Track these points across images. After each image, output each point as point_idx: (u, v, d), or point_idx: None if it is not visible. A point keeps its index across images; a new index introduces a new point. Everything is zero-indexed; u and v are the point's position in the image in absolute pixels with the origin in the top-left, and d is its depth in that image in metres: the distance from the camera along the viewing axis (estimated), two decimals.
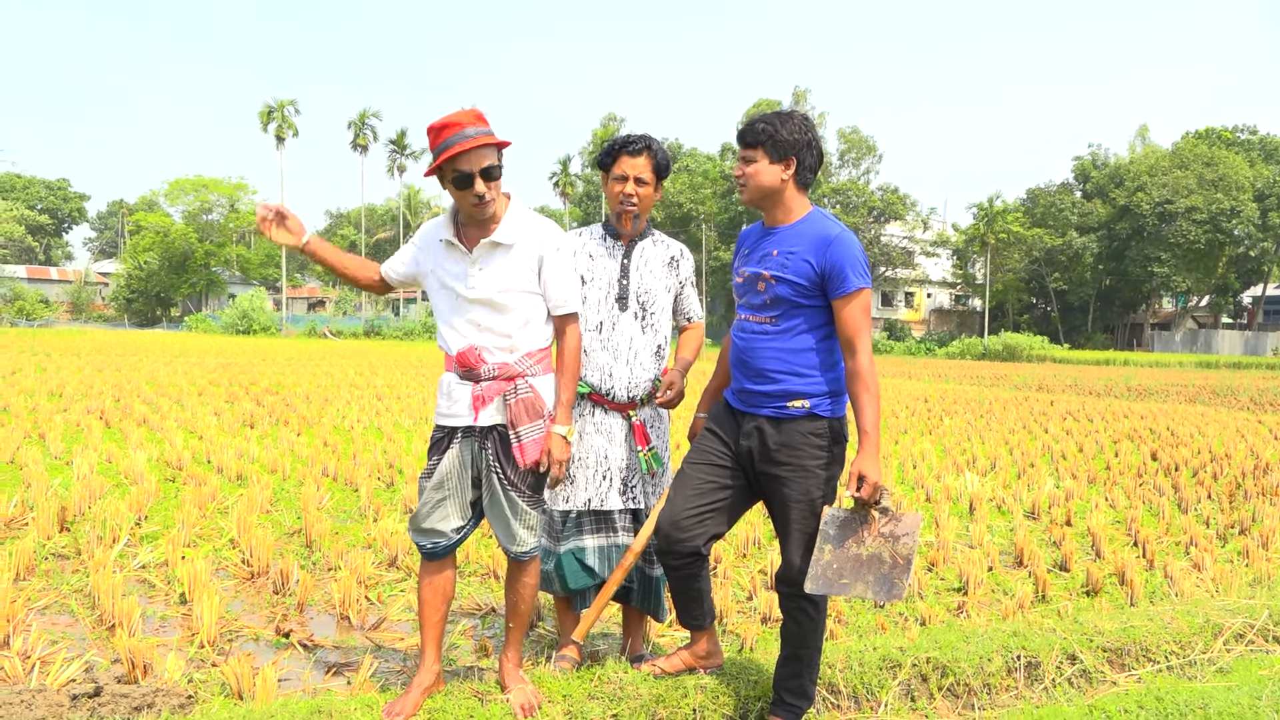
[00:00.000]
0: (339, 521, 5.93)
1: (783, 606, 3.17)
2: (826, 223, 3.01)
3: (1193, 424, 13.18)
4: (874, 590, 2.81)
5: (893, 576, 2.81)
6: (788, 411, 3.01)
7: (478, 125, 2.93)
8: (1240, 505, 7.34)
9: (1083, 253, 56.67)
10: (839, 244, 2.94)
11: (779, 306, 3.02)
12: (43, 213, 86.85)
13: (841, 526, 2.92)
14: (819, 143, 3.08)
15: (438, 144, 2.92)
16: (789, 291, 2.99)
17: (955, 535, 5.99)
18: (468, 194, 2.94)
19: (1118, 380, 26.56)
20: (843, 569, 2.86)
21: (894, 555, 2.84)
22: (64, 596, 4.32)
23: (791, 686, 3.16)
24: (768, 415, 3.04)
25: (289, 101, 61.16)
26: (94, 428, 9.17)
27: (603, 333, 3.48)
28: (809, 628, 3.11)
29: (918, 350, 54.61)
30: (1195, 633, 4.09)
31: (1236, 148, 58.66)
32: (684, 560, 3.15)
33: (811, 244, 2.97)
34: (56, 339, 33.90)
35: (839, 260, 2.93)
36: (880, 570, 2.83)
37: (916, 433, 11.67)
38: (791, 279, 2.97)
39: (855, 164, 64.28)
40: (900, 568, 2.82)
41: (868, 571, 2.84)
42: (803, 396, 3.00)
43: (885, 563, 2.83)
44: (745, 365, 3.12)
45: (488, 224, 3.05)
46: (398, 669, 3.67)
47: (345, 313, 66.73)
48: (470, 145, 2.88)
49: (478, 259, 3.03)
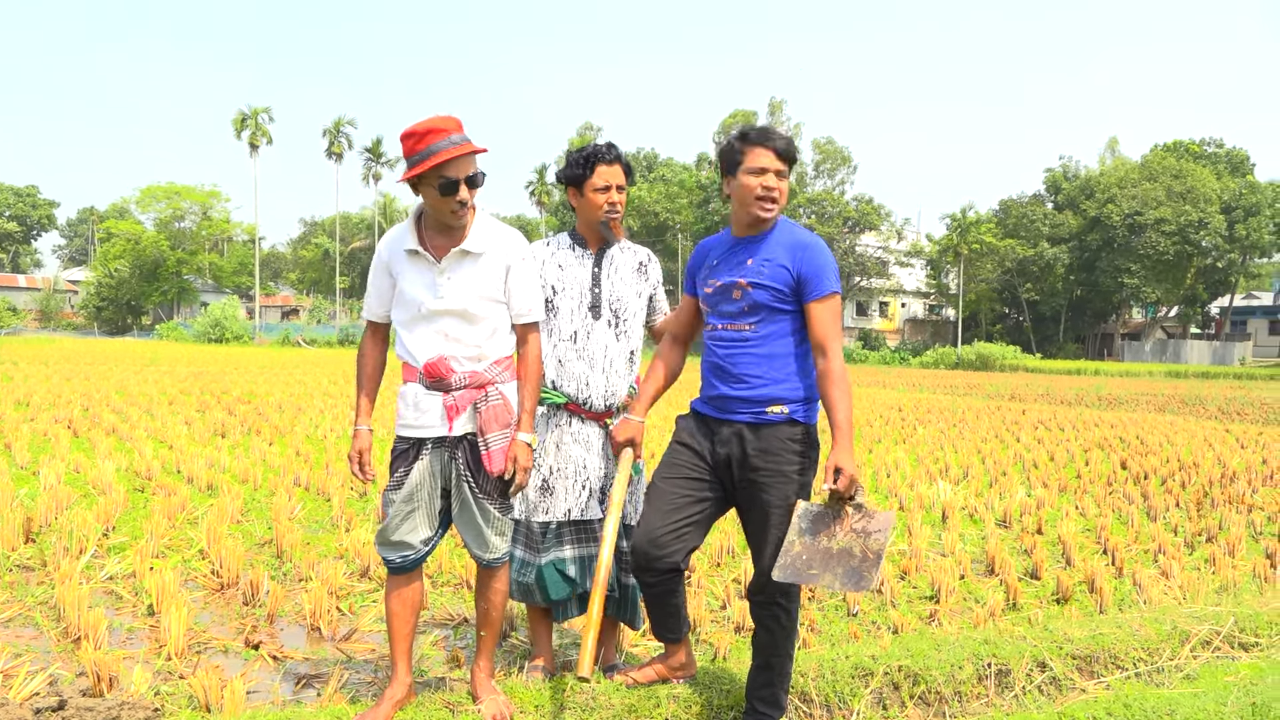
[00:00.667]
0: (310, 532, 5.88)
1: (755, 615, 3.18)
2: (798, 230, 3.14)
3: (1162, 433, 13.34)
4: (842, 581, 2.82)
5: (862, 569, 2.82)
6: (766, 417, 3.05)
7: (460, 133, 2.93)
8: (1207, 513, 7.44)
9: (1054, 263, 57.27)
10: (814, 250, 3.05)
11: (757, 313, 3.07)
12: (10, 220, 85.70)
13: (814, 520, 2.94)
14: None
15: (421, 149, 2.89)
16: (767, 297, 3.04)
17: (928, 543, 6.02)
18: (450, 200, 2.93)
19: (1088, 390, 26.84)
20: (812, 560, 2.87)
21: (865, 550, 2.86)
22: (29, 608, 4.26)
23: (764, 695, 3.16)
24: (746, 421, 3.08)
25: (263, 109, 60.80)
26: (61, 437, 9.05)
27: (577, 342, 3.47)
28: (781, 636, 3.12)
29: (892, 360, 54.93)
30: (1163, 640, 4.13)
31: (1204, 160, 59.53)
32: (662, 577, 3.14)
33: (787, 250, 3.06)
34: (24, 347, 33.44)
35: (814, 265, 3.02)
36: (850, 563, 2.84)
37: (890, 441, 11.73)
38: (769, 284, 3.03)
39: (830, 174, 64.65)
40: (870, 561, 2.83)
41: (837, 564, 2.85)
42: (781, 402, 3.05)
43: (855, 556, 2.85)
44: (723, 372, 3.13)
45: (457, 232, 3.04)
46: (368, 680, 3.64)
47: (319, 321, 66.26)
48: (459, 152, 2.88)
49: (446, 268, 3.01)
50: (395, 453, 3.11)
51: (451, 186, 2.91)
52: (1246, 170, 59.76)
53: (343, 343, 53.21)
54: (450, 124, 2.92)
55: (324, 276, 78.97)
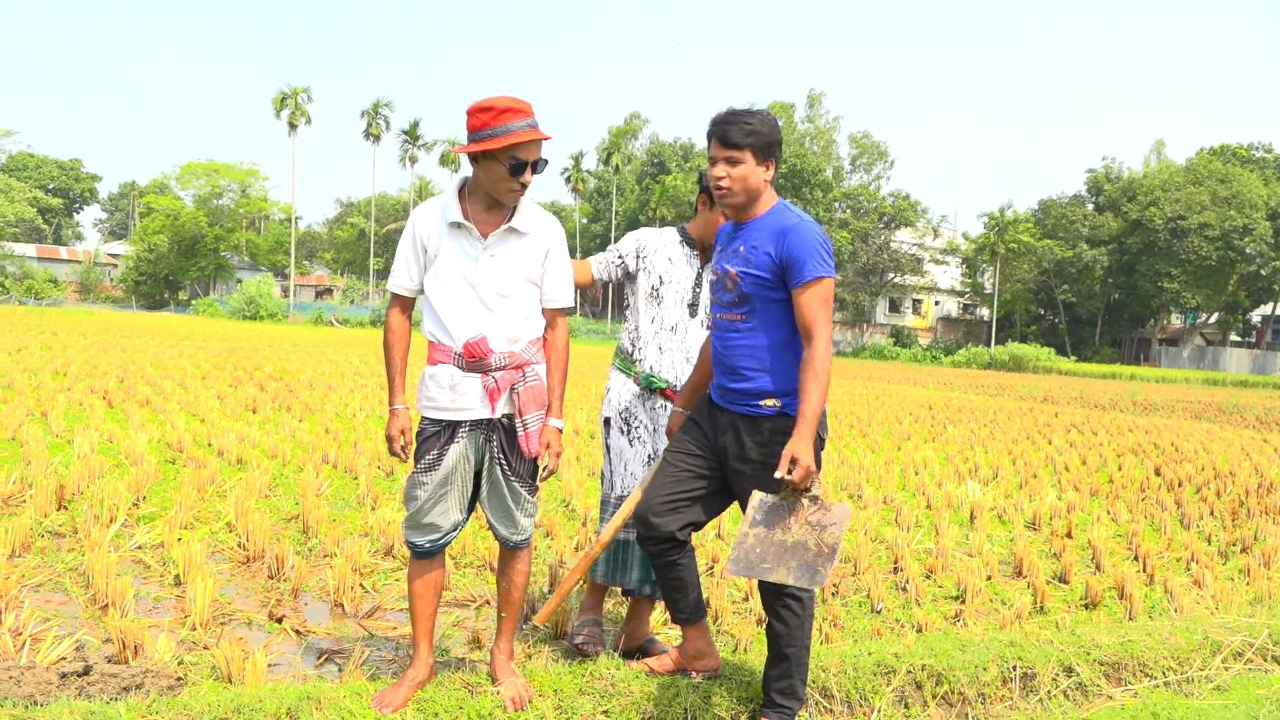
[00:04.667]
0: (337, 509, 5.92)
1: (767, 606, 3.15)
2: (787, 213, 3.03)
3: (1197, 440, 13.12)
4: (795, 575, 2.78)
5: (816, 564, 2.78)
6: (760, 410, 3.04)
7: (533, 118, 2.93)
8: (1243, 523, 7.30)
9: (1093, 265, 56.49)
10: (796, 232, 2.95)
11: (747, 303, 3.03)
12: (54, 193, 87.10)
13: (769, 512, 2.89)
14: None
15: (496, 125, 2.87)
16: (753, 286, 3.00)
17: (955, 543, 5.96)
18: (514, 180, 2.93)
19: (1123, 394, 26.47)
20: (765, 553, 2.83)
21: (819, 544, 2.81)
22: (58, 574, 4.31)
23: (782, 687, 3.14)
24: (742, 413, 3.08)
25: (303, 89, 61.15)
26: (96, 407, 9.18)
27: (677, 334, 3.69)
28: (795, 626, 3.10)
29: (924, 358, 54.49)
30: (1194, 649, 4.05)
31: (1251, 165, 58.41)
32: (661, 546, 3.16)
33: (770, 235, 2.99)
34: (63, 318, 33.99)
35: (796, 249, 2.93)
36: (804, 557, 2.80)
37: (919, 439, 11.63)
38: (754, 273, 2.99)
39: (867, 169, 64.27)
40: (825, 556, 2.79)
41: (791, 558, 2.81)
42: (773, 395, 3.03)
43: (810, 550, 2.81)
44: (721, 363, 3.15)
45: (504, 211, 3.03)
46: (389, 658, 3.65)
47: (352, 301, 66.84)
48: (534, 136, 2.89)
49: (491, 245, 2.99)
50: (424, 435, 3.07)
51: (521, 167, 2.91)
52: None
53: (374, 323, 53.57)
54: (526, 106, 2.93)
55: (358, 257, 79.62)
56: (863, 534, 5.98)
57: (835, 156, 64.92)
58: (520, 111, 2.90)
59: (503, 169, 2.91)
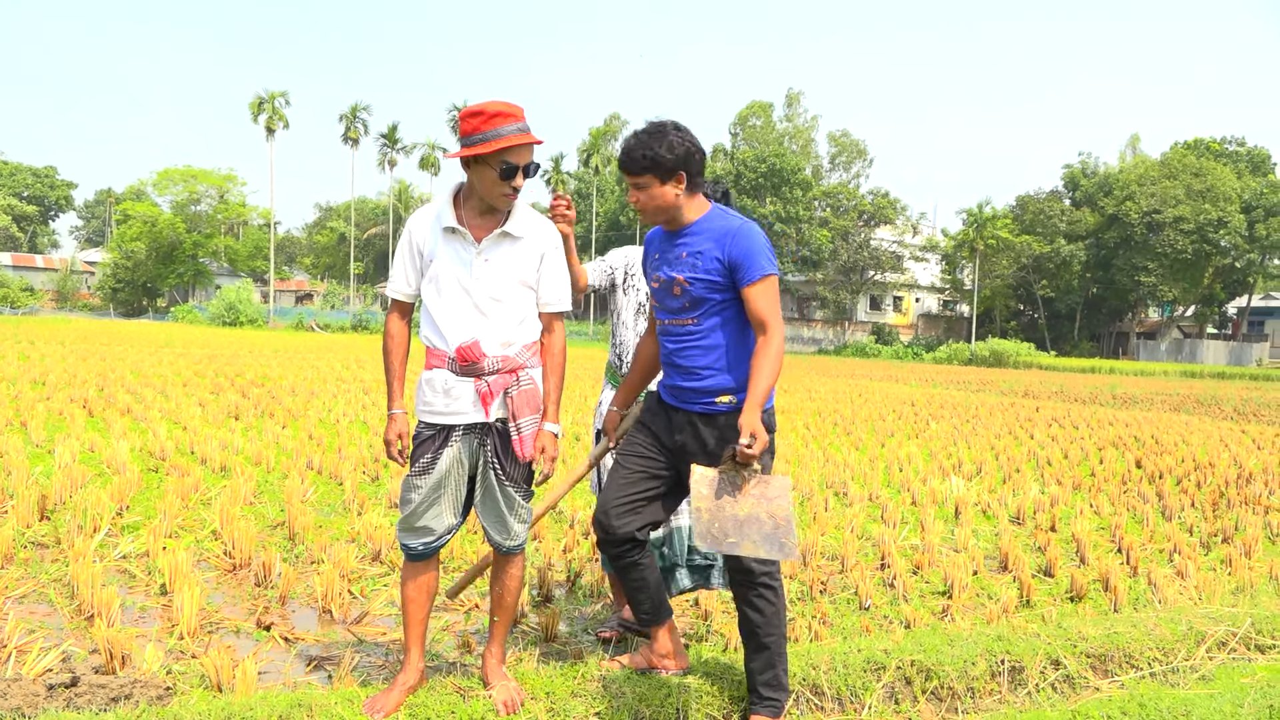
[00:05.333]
0: (322, 515, 5.89)
1: (740, 597, 3.18)
2: (727, 217, 3.13)
3: (1177, 433, 13.25)
4: (765, 548, 2.82)
5: (779, 536, 2.83)
6: (716, 407, 3.12)
7: (525, 121, 2.96)
8: (1223, 514, 7.38)
9: (1070, 260, 56.91)
10: (741, 235, 3.05)
11: (698, 307, 3.11)
12: (29, 200, 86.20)
13: (715, 486, 2.90)
14: (698, 144, 3.11)
15: (487, 129, 2.90)
16: (704, 289, 3.08)
17: (941, 539, 5.99)
18: (506, 185, 2.95)
19: (1103, 388, 26.69)
20: (725, 529, 2.84)
21: (772, 516, 2.85)
22: (42, 585, 4.27)
23: (767, 679, 3.17)
24: (698, 411, 3.14)
25: (280, 93, 60.80)
26: (77, 416, 9.10)
27: None
28: (770, 614, 3.13)
29: (905, 355, 54.73)
30: (1178, 640, 4.10)
31: (1225, 159, 59.01)
32: (621, 548, 3.22)
33: (715, 239, 3.07)
34: (40, 327, 33.66)
35: (743, 250, 3.03)
36: (763, 530, 2.83)
37: (903, 436, 11.69)
38: (703, 277, 3.07)
39: (846, 167, 64.58)
40: (784, 528, 2.84)
41: (751, 530, 2.84)
42: (729, 392, 3.10)
43: (766, 523, 2.84)
44: (674, 365, 3.21)
45: (498, 215, 3.04)
46: (379, 664, 3.64)
47: (333, 306, 66.47)
48: (525, 140, 2.91)
49: (485, 249, 3.01)
50: (420, 439, 3.08)
51: (512, 171, 2.93)
52: (1267, 170, 59.23)
53: (355, 328, 53.32)
54: (517, 111, 2.95)
55: (338, 262, 79.26)
56: (849, 531, 6.01)
57: (814, 155, 65.18)
58: (511, 116, 2.91)
59: (494, 173, 2.93)
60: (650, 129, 3.07)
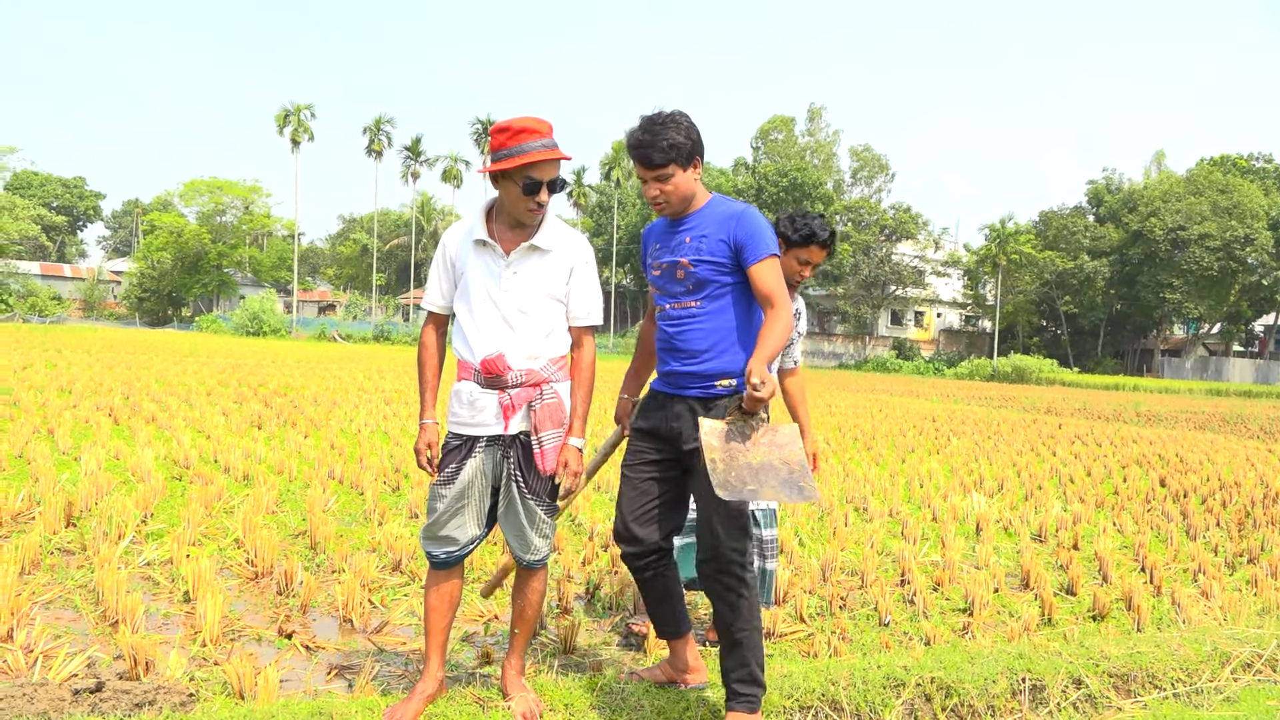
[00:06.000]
0: (344, 524, 5.93)
1: (710, 590, 3.12)
2: (730, 202, 3.19)
3: (1202, 451, 13.11)
4: (784, 493, 2.80)
5: (797, 480, 2.82)
6: (715, 391, 3.13)
7: (551, 138, 2.99)
8: (1249, 534, 7.29)
9: (1094, 277, 56.51)
10: (746, 218, 3.11)
11: (703, 289, 3.14)
12: (58, 210, 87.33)
13: (724, 437, 2.90)
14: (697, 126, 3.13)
15: (512, 145, 2.94)
16: (710, 271, 3.12)
17: (961, 555, 5.96)
18: (530, 200, 2.99)
19: (1127, 405, 26.45)
20: (743, 476, 2.82)
21: (786, 462, 2.86)
22: (68, 591, 4.33)
23: (741, 676, 3.09)
24: (696, 395, 3.15)
25: (306, 105, 61.40)
26: (102, 424, 9.20)
27: None
28: (743, 608, 3.08)
29: (926, 370, 54.47)
30: (1202, 661, 4.05)
31: (1251, 175, 58.48)
32: (644, 560, 3.25)
33: (721, 223, 3.12)
34: (68, 336, 34.06)
35: (749, 231, 3.08)
36: (780, 476, 2.83)
37: (924, 452, 11.63)
38: (709, 259, 3.11)
39: (868, 182, 64.41)
40: (800, 472, 2.84)
41: (769, 477, 2.83)
42: (729, 375, 3.12)
43: (780, 469, 2.84)
44: (674, 349, 3.22)
45: (528, 229, 3.08)
46: (399, 673, 3.66)
47: (355, 317, 66.88)
48: (549, 156, 2.94)
49: (513, 262, 3.04)
50: (447, 449, 3.12)
51: (535, 187, 2.97)
52: None
53: (377, 339, 53.63)
54: (544, 127, 2.98)
55: (361, 273, 79.80)
56: (869, 547, 5.99)
57: (836, 170, 65.10)
58: (536, 132, 2.95)
59: (518, 189, 2.96)
60: (657, 119, 3.07)
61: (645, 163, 3.08)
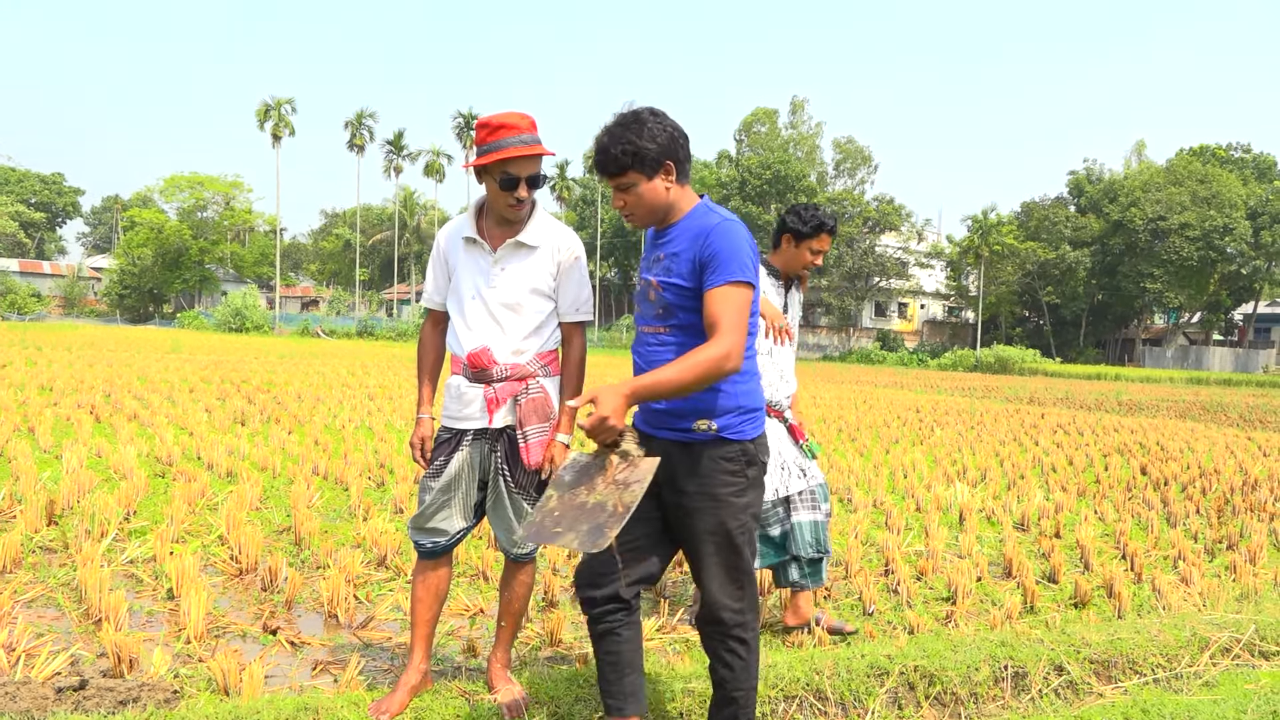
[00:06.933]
0: (328, 520, 5.91)
1: (709, 649, 2.81)
2: (708, 214, 2.68)
3: (1182, 439, 13.23)
4: (580, 540, 2.45)
5: (605, 524, 2.45)
6: (693, 435, 2.67)
7: (532, 133, 2.97)
8: (1228, 521, 7.37)
9: (1076, 267, 56.86)
10: (717, 233, 2.61)
11: (672, 315, 2.70)
12: (36, 207, 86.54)
13: (579, 472, 2.60)
14: (679, 127, 2.70)
15: (490, 141, 2.95)
16: (675, 296, 2.67)
17: (945, 545, 6.00)
18: (508, 196, 2.99)
19: (1109, 395, 26.65)
20: (562, 517, 2.52)
21: (617, 504, 2.48)
22: (51, 590, 4.30)
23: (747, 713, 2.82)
24: (670, 439, 2.70)
25: (286, 100, 60.93)
26: (84, 422, 9.14)
27: (774, 357, 4.13)
28: (741, 669, 2.76)
29: (910, 361, 54.69)
30: (1182, 646, 4.10)
31: (1230, 165, 58.96)
32: (602, 608, 2.74)
33: (691, 239, 2.65)
34: (48, 333, 33.77)
35: (715, 250, 2.59)
36: (598, 519, 2.47)
37: (908, 443, 11.69)
38: (675, 282, 2.66)
39: (851, 174, 64.55)
40: (617, 516, 2.46)
41: (584, 520, 2.49)
42: (707, 416, 2.66)
43: (605, 511, 2.48)
44: None
45: (515, 225, 3.08)
46: (385, 668, 3.66)
47: (339, 312, 66.62)
48: (525, 152, 2.93)
49: (501, 258, 3.06)
50: (438, 441, 3.16)
51: (512, 183, 2.97)
52: (1273, 176, 59.17)
53: (361, 334, 53.42)
54: (523, 122, 2.97)
55: (344, 268, 79.47)
56: (853, 537, 6.02)
57: (819, 162, 65.18)
58: (514, 128, 2.94)
59: (497, 184, 2.97)
60: (622, 119, 2.65)
61: (600, 169, 2.68)
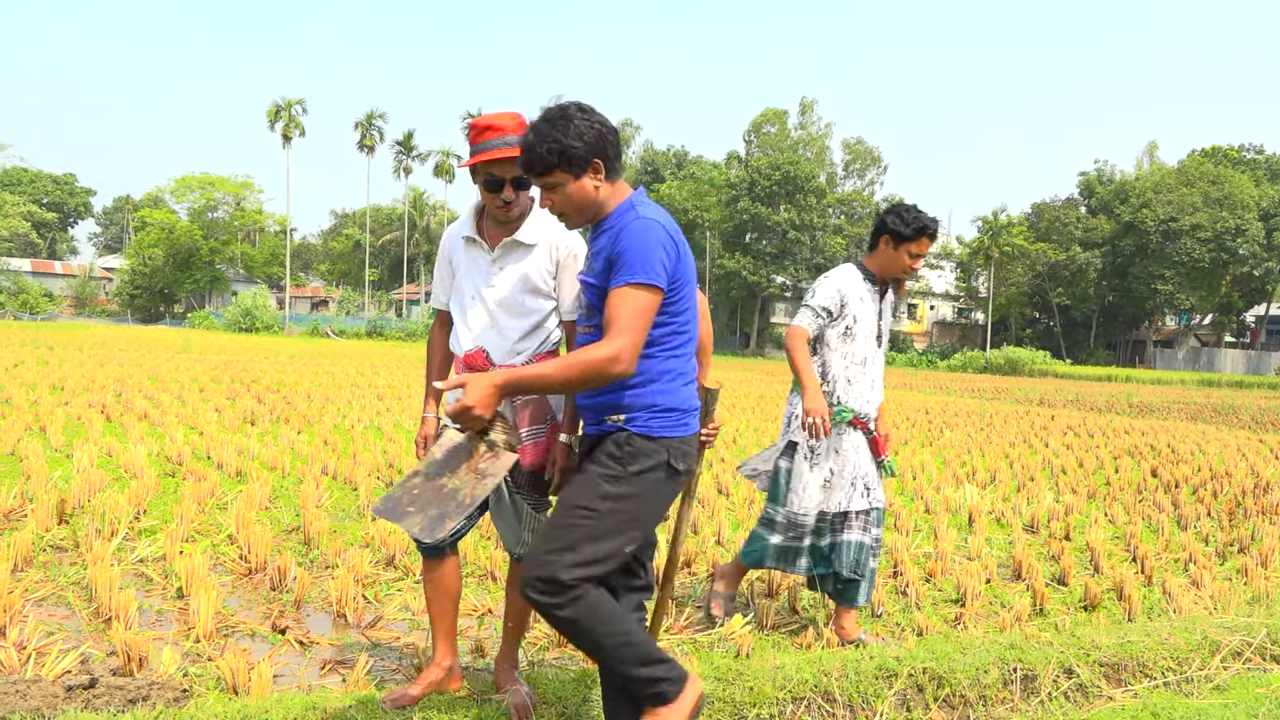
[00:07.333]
0: (337, 520, 5.93)
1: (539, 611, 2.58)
2: (627, 212, 2.60)
3: (1194, 442, 13.17)
4: (421, 528, 2.44)
5: (449, 514, 2.45)
6: (604, 426, 2.67)
7: (518, 134, 2.92)
8: (1240, 523, 7.33)
9: (1086, 268, 56.67)
10: (627, 233, 2.51)
11: (593, 314, 2.67)
12: (49, 207, 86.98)
13: (449, 453, 2.58)
14: (608, 122, 2.59)
15: (477, 143, 2.95)
16: (593, 297, 2.64)
17: (954, 547, 5.98)
18: (494, 197, 2.99)
19: (1119, 396, 26.54)
20: (419, 497, 2.50)
21: (468, 494, 2.47)
22: (61, 588, 4.32)
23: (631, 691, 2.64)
24: (591, 432, 2.76)
25: (297, 101, 61.11)
26: (95, 421, 9.18)
27: (866, 367, 4.09)
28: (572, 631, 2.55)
29: (919, 362, 54.58)
30: (1193, 650, 4.07)
31: (1243, 167, 58.68)
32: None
33: (610, 238, 2.58)
34: (59, 333, 33.94)
35: (622, 248, 2.50)
36: (445, 507, 2.46)
37: (917, 444, 11.66)
38: (591, 282, 2.64)
39: (860, 175, 64.50)
40: (463, 508, 2.46)
41: (434, 505, 2.47)
42: (620, 410, 2.63)
43: (455, 500, 2.47)
44: None
45: (513, 224, 3.08)
46: (393, 668, 3.66)
47: (348, 313, 66.79)
48: (507, 154, 2.90)
49: (499, 257, 3.05)
50: None
51: (495, 184, 2.96)
52: None
53: (370, 334, 53.56)
54: (511, 123, 2.94)
55: (354, 268, 79.64)
56: None
57: (829, 162, 65.11)
58: (499, 129, 2.92)
59: (483, 186, 2.99)
60: (548, 116, 2.55)
61: (526, 169, 2.59)
